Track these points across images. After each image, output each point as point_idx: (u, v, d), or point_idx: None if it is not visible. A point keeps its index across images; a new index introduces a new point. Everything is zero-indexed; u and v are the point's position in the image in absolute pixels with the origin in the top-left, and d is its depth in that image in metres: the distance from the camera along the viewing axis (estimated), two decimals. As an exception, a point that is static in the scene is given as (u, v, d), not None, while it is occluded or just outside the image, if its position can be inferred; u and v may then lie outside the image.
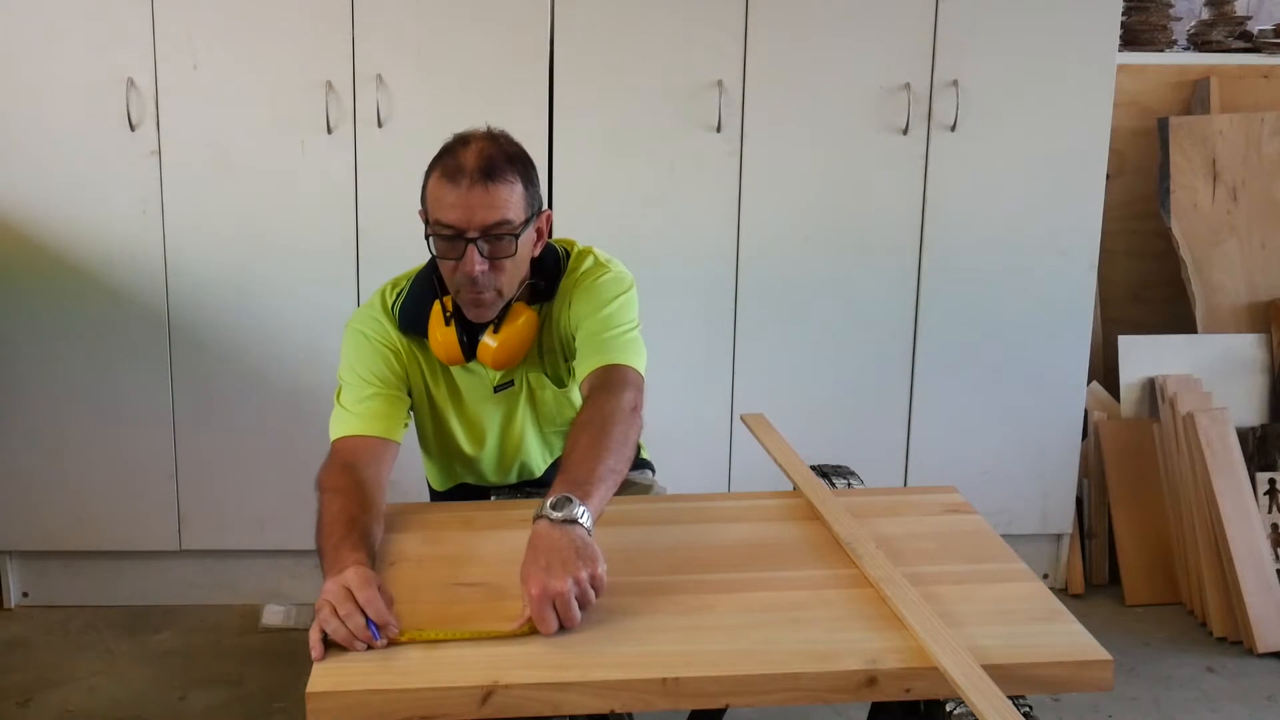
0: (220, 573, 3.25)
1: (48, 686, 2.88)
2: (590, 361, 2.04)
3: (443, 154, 1.98)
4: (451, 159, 1.95)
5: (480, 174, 1.92)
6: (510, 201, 1.95)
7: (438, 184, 1.95)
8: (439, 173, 1.96)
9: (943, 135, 3.08)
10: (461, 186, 1.92)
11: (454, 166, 1.94)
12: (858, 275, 3.15)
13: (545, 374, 2.16)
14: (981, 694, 1.46)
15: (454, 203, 1.93)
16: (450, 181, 1.93)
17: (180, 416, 3.12)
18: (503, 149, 1.98)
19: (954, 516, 2.04)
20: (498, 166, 1.94)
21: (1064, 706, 2.78)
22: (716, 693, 1.56)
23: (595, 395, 1.98)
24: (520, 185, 1.97)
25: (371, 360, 2.08)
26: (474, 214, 1.93)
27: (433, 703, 1.51)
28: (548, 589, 1.60)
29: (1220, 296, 3.48)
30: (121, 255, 3.03)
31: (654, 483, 2.36)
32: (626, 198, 3.05)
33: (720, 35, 3.01)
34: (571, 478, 1.77)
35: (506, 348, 2.03)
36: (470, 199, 1.92)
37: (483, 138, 1.98)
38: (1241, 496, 3.17)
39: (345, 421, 2.03)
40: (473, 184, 1.92)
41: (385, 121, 2.98)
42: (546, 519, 1.69)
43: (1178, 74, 3.58)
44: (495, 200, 1.93)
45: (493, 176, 1.93)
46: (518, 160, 1.99)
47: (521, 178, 1.98)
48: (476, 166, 1.93)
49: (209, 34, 2.94)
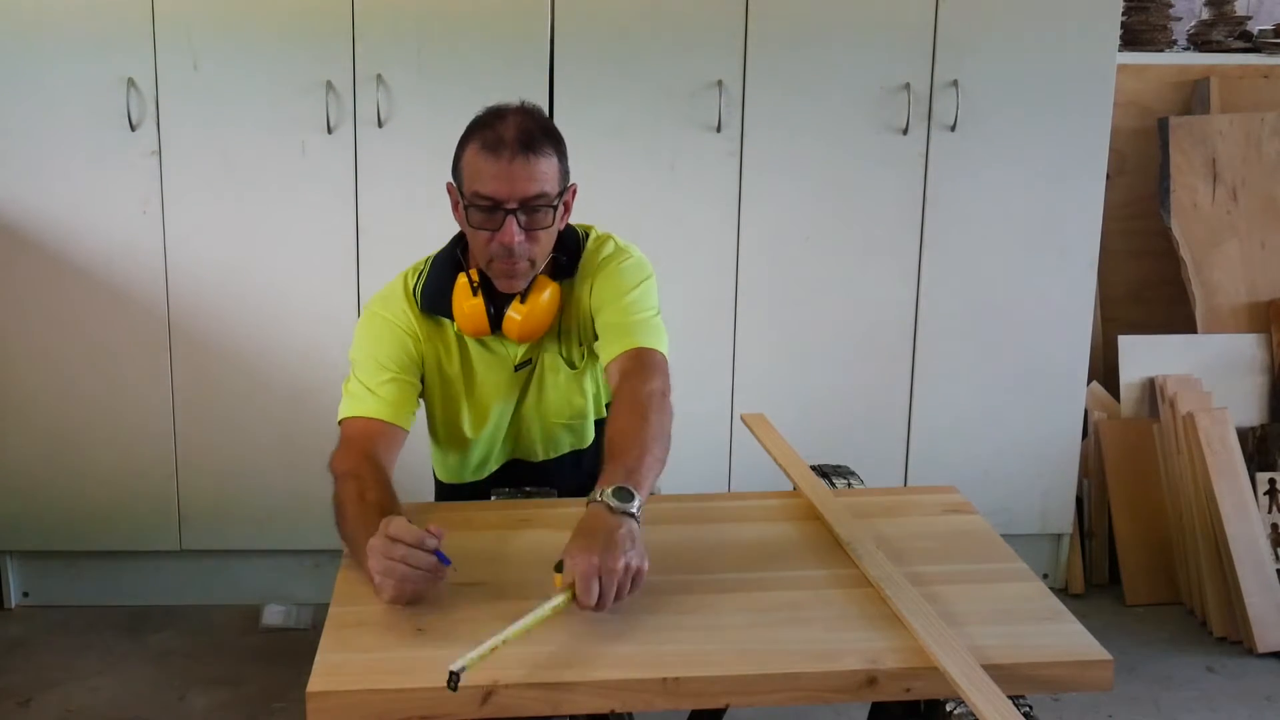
0: (220, 573, 3.25)
1: (48, 686, 2.88)
2: (616, 345, 2.06)
3: (479, 127, 2.01)
4: (490, 132, 1.98)
5: (521, 146, 1.96)
6: (549, 174, 1.99)
7: (476, 156, 1.98)
8: (477, 144, 1.99)
9: (943, 135, 3.08)
10: (503, 159, 1.95)
11: (494, 139, 1.97)
12: (858, 275, 3.15)
13: (560, 355, 2.17)
14: (981, 694, 1.46)
15: (495, 174, 1.96)
16: (491, 153, 1.96)
17: (180, 416, 3.12)
18: (539, 122, 2.02)
19: (954, 516, 2.04)
20: (536, 139, 1.98)
21: (1064, 706, 2.78)
22: (716, 693, 1.56)
23: (629, 380, 2.00)
24: (556, 158, 2.02)
25: (390, 344, 2.08)
26: (515, 185, 1.96)
27: (433, 703, 1.51)
28: (600, 563, 1.62)
29: (1220, 296, 3.48)
30: (121, 255, 3.03)
31: None
32: (626, 197, 3.05)
33: (720, 35, 3.01)
34: (624, 466, 1.80)
35: (532, 320, 2.06)
36: (512, 171, 1.96)
37: (518, 111, 2.01)
38: (1241, 496, 3.17)
39: (360, 402, 2.03)
40: (514, 156, 1.95)
41: (385, 121, 2.98)
42: (605, 505, 1.71)
43: (1178, 74, 3.59)
44: (535, 172, 1.97)
45: (533, 149, 1.97)
46: (552, 133, 2.04)
47: (556, 151, 2.02)
48: (516, 138, 1.96)
49: (209, 34, 2.94)
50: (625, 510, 1.70)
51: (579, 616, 1.64)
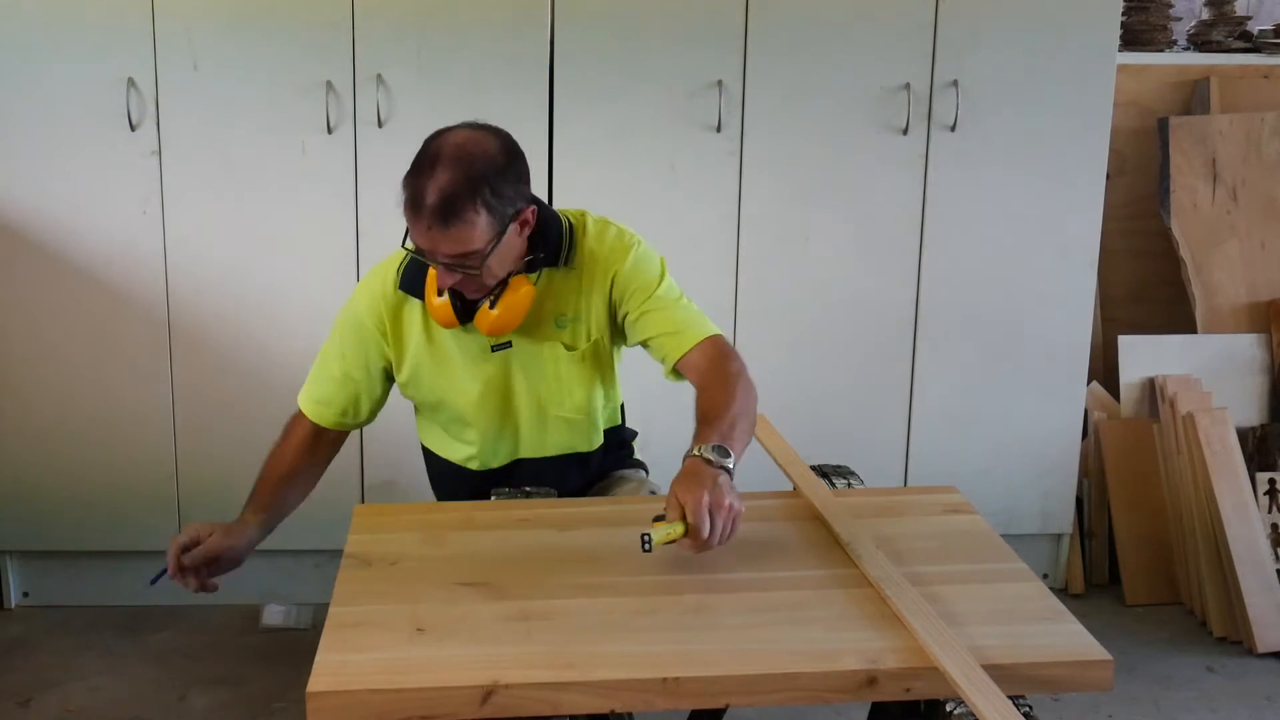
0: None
1: (48, 686, 2.88)
2: (677, 343, 2.11)
3: (414, 170, 1.98)
4: (417, 185, 1.95)
5: (437, 215, 1.93)
6: (472, 236, 1.96)
7: (406, 208, 1.98)
8: (407, 195, 1.97)
9: (943, 135, 3.08)
10: (420, 223, 1.95)
11: (416, 198, 1.95)
12: (858, 275, 3.15)
13: (561, 340, 2.17)
14: (981, 694, 1.46)
15: (417, 232, 1.97)
16: (413, 212, 1.96)
17: (180, 416, 3.12)
18: (469, 175, 1.94)
19: (954, 516, 2.04)
20: (454, 206, 1.93)
21: (1064, 706, 2.78)
22: (716, 693, 1.56)
23: (712, 365, 2.08)
24: (482, 215, 1.95)
25: (351, 343, 2.21)
26: (437, 248, 1.97)
27: (433, 703, 1.51)
28: (714, 500, 1.74)
29: (1220, 296, 3.48)
30: (121, 255, 3.03)
31: (645, 480, 2.38)
32: (626, 197, 3.05)
33: (720, 35, 3.01)
34: (717, 430, 1.89)
35: (504, 318, 2.08)
36: (432, 236, 1.96)
37: (450, 161, 1.95)
38: (1241, 496, 3.17)
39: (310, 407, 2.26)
40: (431, 225, 1.94)
41: (385, 121, 2.98)
42: (703, 458, 1.82)
43: (1178, 74, 3.58)
44: (455, 237, 1.95)
45: (448, 220, 1.93)
46: (483, 186, 1.95)
47: (485, 205, 1.96)
48: (435, 206, 1.93)
49: (209, 34, 2.94)
50: (722, 464, 1.82)
51: (582, 614, 1.65)
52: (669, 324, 2.13)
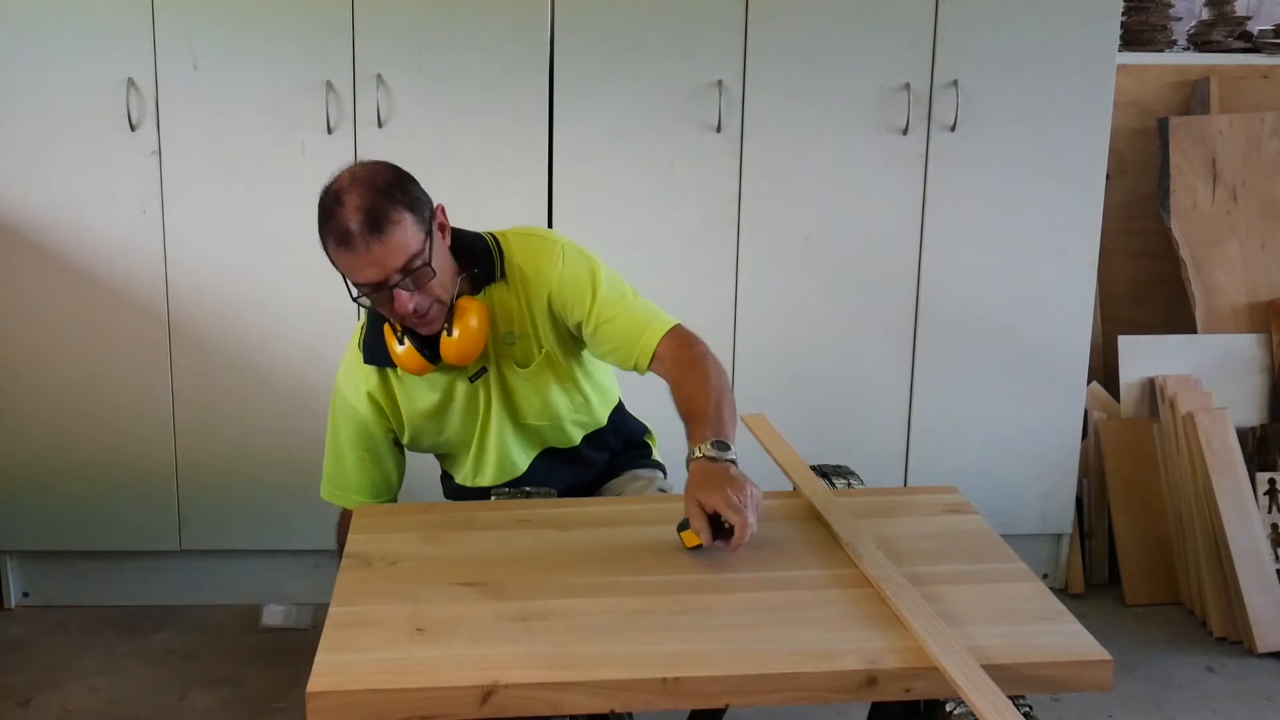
0: (220, 573, 3.25)
1: (48, 686, 2.88)
2: (639, 350, 2.14)
3: (325, 218, 2.01)
4: (336, 224, 1.98)
5: (368, 230, 1.96)
6: (407, 237, 1.99)
7: (337, 253, 2.00)
8: (332, 242, 2.00)
9: (943, 135, 3.08)
10: (359, 249, 1.97)
11: (342, 233, 1.97)
12: (858, 275, 3.15)
13: (512, 358, 2.20)
14: (981, 694, 1.47)
15: (360, 264, 1.99)
16: (347, 248, 1.98)
17: (180, 416, 3.12)
18: (374, 188, 1.99)
19: (954, 516, 2.05)
20: (380, 214, 1.97)
21: (1064, 706, 2.78)
22: (716, 693, 1.56)
23: (674, 357, 2.11)
24: (408, 215, 2.00)
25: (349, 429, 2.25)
26: (383, 265, 1.98)
27: (433, 703, 1.51)
28: (736, 493, 1.81)
29: (1220, 296, 3.48)
30: (121, 255, 3.03)
31: (656, 479, 2.40)
32: (626, 198, 3.05)
33: (720, 35, 3.01)
34: (708, 424, 1.95)
35: (466, 342, 2.10)
36: (371, 256, 1.97)
37: (351, 188, 1.99)
38: (1241, 496, 3.17)
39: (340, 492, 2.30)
40: (369, 245, 1.96)
41: (385, 121, 2.98)
42: (706, 457, 1.89)
43: (1178, 74, 3.58)
44: (393, 246, 1.98)
45: (380, 229, 1.96)
46: (392, 190, 2.01)
47: (404, 205, 2.00)
48: (361, 225, 1.96)
49: (209, 34, 2.94)
50: (726, 458, 1.88)
51: (582, 614, 1.64)
52: (622, 333, 2.14)
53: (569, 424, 2.29)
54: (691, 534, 1.84)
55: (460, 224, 2.20)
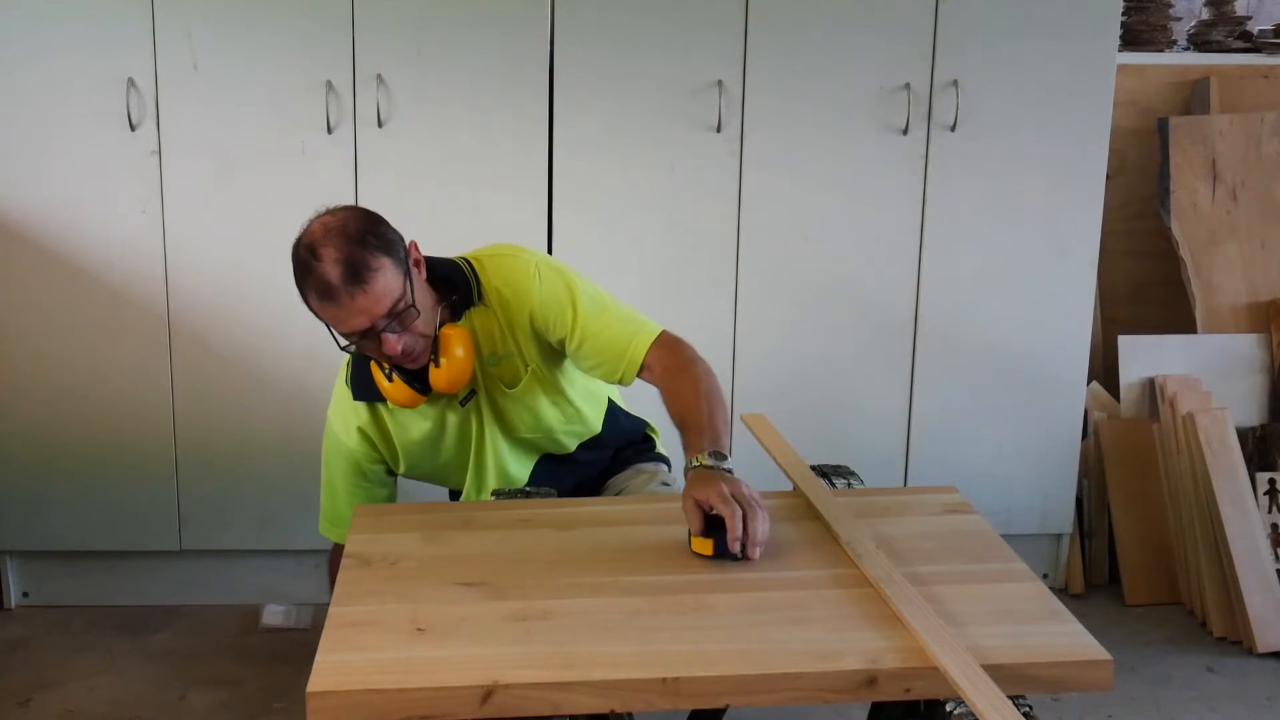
0: (220, 573, 3.25)
1: (48, 686, 2.88)
2: (625, 362, 2.13)
3: (304, 273, 2.00)
4: (316, 279, 1.98)
5: (351, 281, 1.96)
6: (390, 284, 1.99)
7: (321, 306, 2.00)
8: (314, 295, 1.99)
9: (943, 135, 3.08)
10: (343, 302, 1.97)
11: (324, 287, 1.97)
12: (857, 275, 3.15)
13: (499, 380, 2.21)
14: (981, 694, 1.46)
15: (346, 315, 1.99)
16: (330, 301, 1.98)
17: (180, 416, 3.11)
18: (349, 238, 1.99)
19: (954, 516, 2.04)
20: (359, 263, 1.97)
21: (1064, 706, 2.78)
22: (716, 693, 1.56)
23: (663, 366, 2.11)
24: (386, 260, 2.00)
25: (341, 466, 2.26)
26: (369, 313, 1.99)
27: (433, 703, 1.51)
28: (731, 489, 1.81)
29: (1220, 296, 3.48)
30: (121, 255, 3.03)
31: (660, 472, 2.41)
32: (626, 198, 3.05)
33: (720, 35, 3.01)
34: (704, 434, 1.96)
35: (454, 371, 2.10)
36: (356, 305, 1.97)
37: (325, 240, 1.98)
38: (1241, 496, 3.17)
39: (336, 528, 2.28)
40: (352, 295, 1.96)
41: (385, 121, 2.98)
42: (704, 466, 1.89)
43: (1178, 74, 3.58)
44: (378, 293, 1.98)
45: (362, 278, 1.96)
46: (367, 237, 2.00)
47: (381, 250, 2.00)
48: (343, 276, 1.96)
49: (209, 34, 2.94)
50: (723, 468, 1.88)
51: (582, 614, 1.65)
52: (607, 348, 2.14)
53: (562, 434, 2.30)
54: (702, 541, 1.83)
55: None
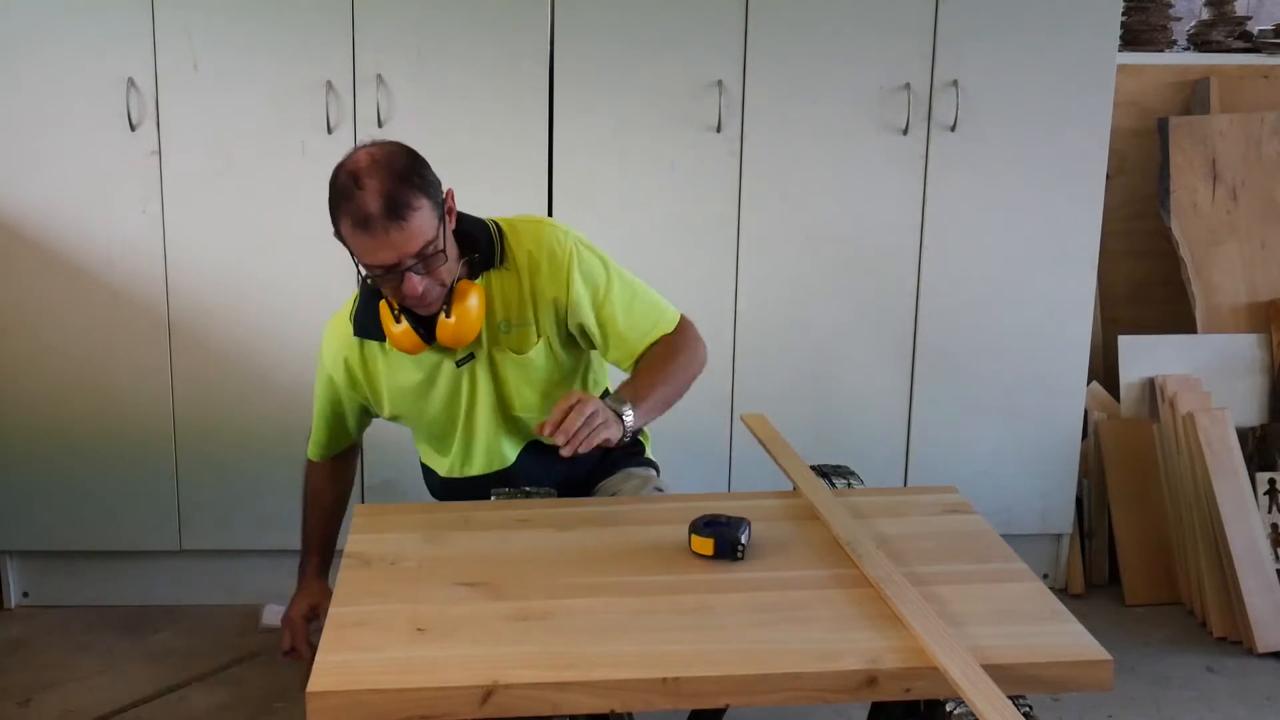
0: (220, 573, 3.25)
1: (48, 686, 2.88)
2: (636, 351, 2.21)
3: (342, 199, 2.00)
4: (354, 206, 1.97)
5: (389, 216, 1.96)
6: (424, 223, 2.00)
7: (352, 234, 2.00)
8: (349, 222, 1.99)
9: (943, 135, 3.08)
10: (378, 234, 1.97)
11: (361, 216, 1.97)
12: (858, 275, 3.15)
13: (507, 346, 2.21)
14: (981, 694, 1.46)
15: (376, 248, 1.98)
16: (364, 231, 1.97)
17: (180, 416, 3.12)
18: (394, 175, 1.99)
19: (954, 516, 2.05)
20: (400, 200, 1.97)
21: (1064, 706, 2.78)
22: (716, 693, 1.56)
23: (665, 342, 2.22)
24: (426, 201, 2.00)
25: (322, 394, 2.33)
26: (399, 251, 1.99)
27: (433, 703, 1.51)
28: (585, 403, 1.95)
29: (1220, 296, 3.48)
30: (121, 255, 3.03)
31: (652, 478, 2.39)
32: (626, 198, 3.05)
33: (720, 35, 3.01)
34: (633, 388, 2.10)
35: (463, 325, 2.10)
36: (390, 241, 1.97)
37: (371, 171, 1.98)
38: (1241, 496, 3.17)
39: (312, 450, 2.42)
40: (388, 230, 1.96)
41: (385, 121, 2.98)
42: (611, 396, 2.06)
43: (1178, 74, 3.58)
44: (412, 232, 1.98)
45: (401, 214, 1.97)
46: (409, 177, 2.00)
47: (423, 191, 2.01)
48: (382, 210, 1.96)
49: (209, 34, 2.94)
50: (618, 410, 2.02)
51: (582, 614, 1.65)
52: (626, 336, 2.20)
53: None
54: (702, 541, 1.84)
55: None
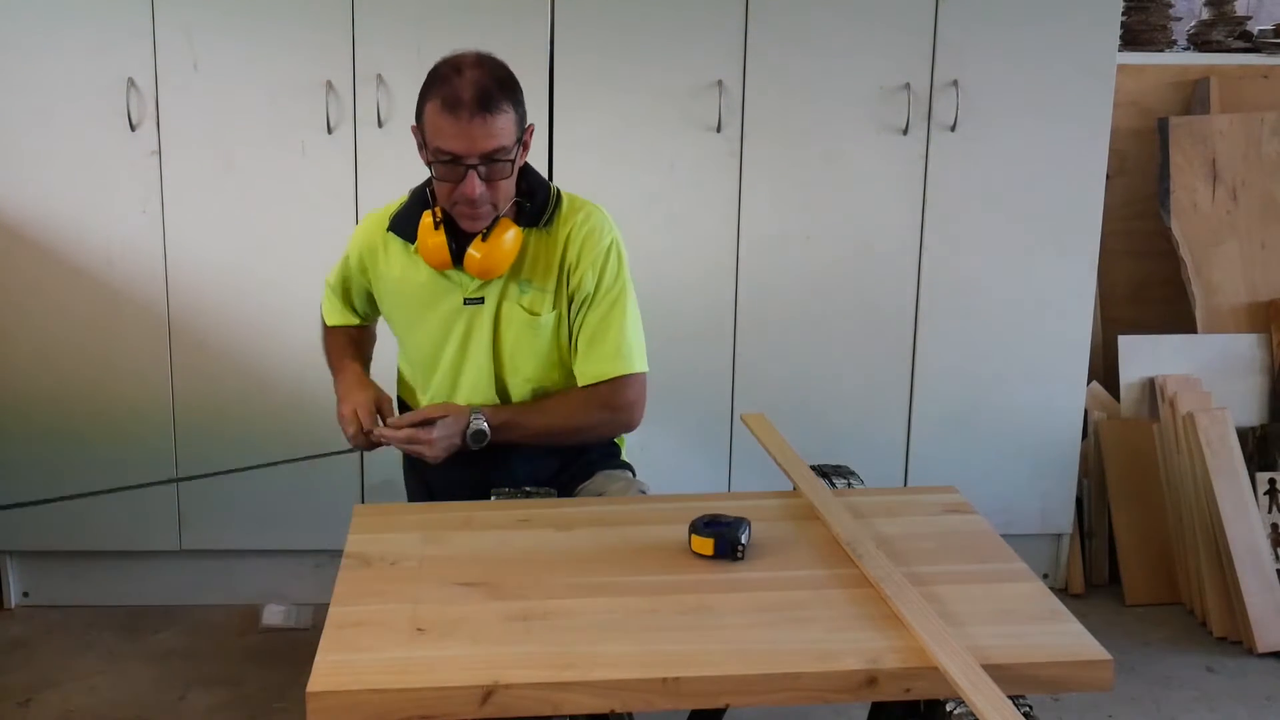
0: (220, 573, 3.25)
1: (48, 686, 2.88)
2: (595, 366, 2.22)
3: (438, 81, 2.07)
4: (448, 89, 2.05)
5: (478, 105, 2.03)
6: (506, 129, 2.07)
7: (436, 114, 2.06)
8: (437, 102, 2.05)
9: (943, 135, 3.08)
10: (462, 119, 2.03)
11: (452, 98, 2.04)
12: (858, 275, 3.15)
13: (519, 304, 2.22)
14: (981, 694, 1.46)
15: (455, 132, 2.04)
16: (450, 113, 2.04)
17: (180, 416, 3.12)
18: (495, 76, 2.07)
19: (954, 516, 2.04)
20: (492, 97, 2.04)
21: (1064, 706, 2.78)
22: (716, 693, 1.56)
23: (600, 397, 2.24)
24: (514, 112, 2.09)
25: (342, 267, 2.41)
26: (474, 143, 2.05)
27: (433, 703, 1.51)
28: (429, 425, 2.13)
29: (1220, 296, 3.48)
30: (121, 255, 3.03)
31: (634, 481, 2.38)
32: (626, 198, 3.05)
33: (720, 35, 3.01)
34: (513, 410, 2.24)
35: (492, 258, 2.14)
36: (470, 130, 2.04)
37: (474, 64, 2.07)
38: (1241, 496, 3.17)
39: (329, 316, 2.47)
40: (472, 116, 2.03)
41: (385, 121, 2.98)
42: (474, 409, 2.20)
43: (1178, 74, 3.58)
44: (492, 130, 2.05)
45: (489, 108, 2.04)
46: (508, 86, 2.09)
47: (512, 102, 2.08)
48: (473, 98, 2.03)
49: (209, 34, 2.94)
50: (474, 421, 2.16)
51: (582, 614, 1.65)
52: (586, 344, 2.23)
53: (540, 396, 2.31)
54: (700, 540, 1.84)
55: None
